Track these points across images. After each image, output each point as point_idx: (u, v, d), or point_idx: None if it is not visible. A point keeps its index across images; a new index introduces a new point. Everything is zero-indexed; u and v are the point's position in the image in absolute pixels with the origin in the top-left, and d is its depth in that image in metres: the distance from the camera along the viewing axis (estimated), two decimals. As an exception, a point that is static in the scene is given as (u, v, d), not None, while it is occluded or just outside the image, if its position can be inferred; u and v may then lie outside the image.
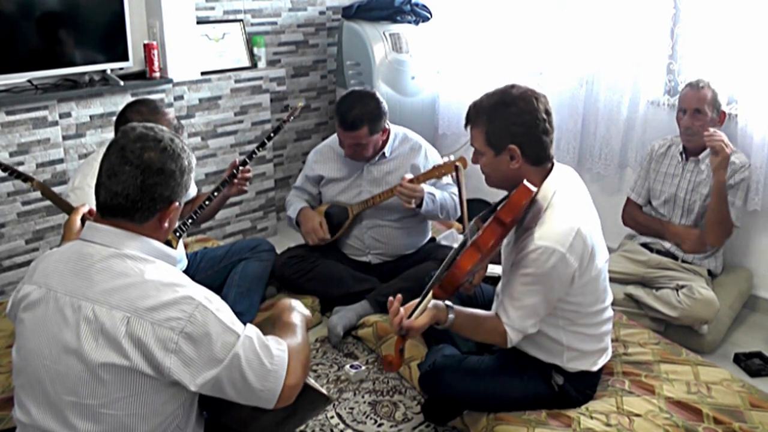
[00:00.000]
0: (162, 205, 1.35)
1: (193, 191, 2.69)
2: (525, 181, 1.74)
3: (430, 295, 1.73)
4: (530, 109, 1.78)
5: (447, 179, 2.88)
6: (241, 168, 2.48)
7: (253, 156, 2.50)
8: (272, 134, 2.58)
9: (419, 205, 2.66)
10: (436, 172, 2.64)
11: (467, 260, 1.66)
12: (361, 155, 2.75)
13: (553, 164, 1.86)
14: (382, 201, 2.76)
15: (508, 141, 1.78)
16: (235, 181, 2.49)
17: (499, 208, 1.75)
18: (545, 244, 1.72)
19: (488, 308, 2.32)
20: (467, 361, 2.05)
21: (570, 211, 1.78)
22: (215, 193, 2.43)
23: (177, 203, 1.38)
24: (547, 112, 1.81)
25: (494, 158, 1.82)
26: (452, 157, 2.65)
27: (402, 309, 1.75)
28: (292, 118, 2.61)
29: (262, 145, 2.54)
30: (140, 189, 1.31)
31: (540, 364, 1.99)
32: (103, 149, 1.40)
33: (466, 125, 1.89)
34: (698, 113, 2.63)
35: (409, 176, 2.65)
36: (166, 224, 1.39)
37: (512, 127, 1.78)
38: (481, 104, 1.83)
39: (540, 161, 1.82)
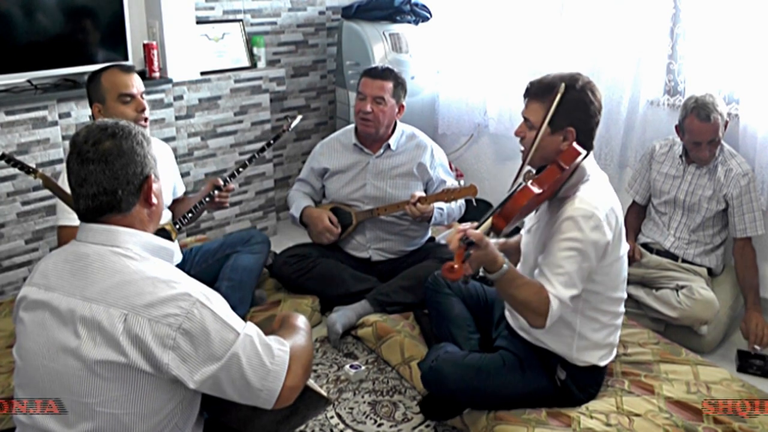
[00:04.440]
0: (139, 181, 1.37)
1: (180, 190, 2.70)
2: (574, 144, 1.84)
3: (489, 220, 1.76)
4: (594, 100, 1.88)
5: (446, 177, 2.89)
6: (223, 187, 2.46)
7: (236, 174, 2.51)
8: (273, 141, 2.59)
9: (428, 220, 2.72)
10: (445, 197, 2.66)
11: (527, 194, 1.74)
12: (377, 119, 2.75)
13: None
14: (388, 213, 2.77)
15: (568, 123, 1.86)
16: (216, 200, 2.47)
17: (559, 155, 1.82)
18: (585, 207, 1.80)
19: (488, 308, 2.33)
20: (470, 357, 2.07)
21: (605, 190, 1.90)
22: (199, 205, 2.43)
23: (153, 175, 1.40)
24: (602, 106, 1.92)
25: (549, 135, 1.87)
26: (462, 182, 2.66)
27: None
28: (285, 132, 2.63)
29: (251, 160, 2.54)
30: (113, 177, 1.33)
31: (545, 358, 2.01)
32: None
33: (526, 96, 1.95)
34: (713, 141, 2.60)
35: (419, 194, 2.67)
36: (154, 200, 1.40)
37: (576, 112, 1.86)
38: (552, 82, 1.88)
39: (586, 149, 1.90)
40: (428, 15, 3.90)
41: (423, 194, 2.69)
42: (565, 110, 1.85)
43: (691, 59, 2.97)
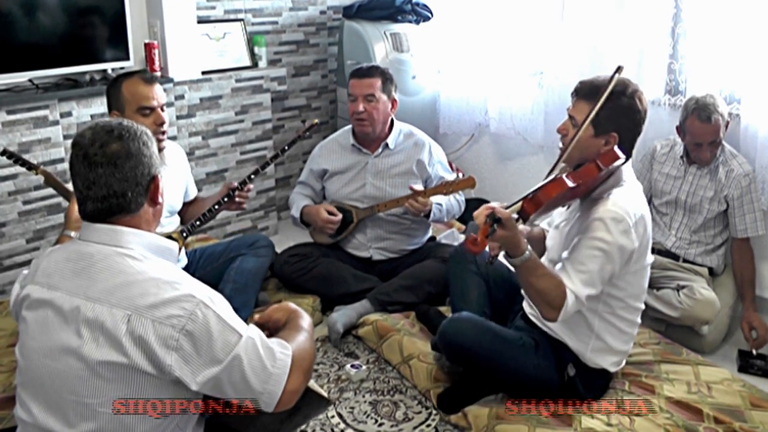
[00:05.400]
0: (147, 181, 1.37)
1: (192, 193, 2.70)
2: (615, 147, 1.84)
3: (519, 204, 1.77)
4: (641, 108, 1.88)
5: (445, 174, 2.89)
6: (242, 188, 2.47)
7: (253, 177, 2.50)
8: (287, 147, 2.59)
9: (427, 215, 2.70)
10: (444, 189, 2.65)
11: (560, 185, 1.73)
12: (371, 117, 2.75)
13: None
14: (388, 209, 2.77)
15: (612, 127, 1.86)
16: (237, 200, 2.48)
17: (598, 156, 1.82)
18: (617, 210, 1.81)
19: (512, 294, 2.33)
20: (490, 323, 2.11)
21: (638, 198, 1.91)
22: (216, 206, 2.43)
23: (159, 175, 1.40)
24: (646, 115, 1.91)
25: (591, 137, 1.88)
26: (461, 175, 2.66)
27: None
28: (301, 136, 2.65)
29: (267, 163, 2.56)
30: (122, 180, 1.33)
31: (559, 350, 2.02)
32: None
33: (574, 95, 1.95)
34: (714, 142, 2.60)
35: (418, 187, 2.66)
36: (160, 200, 1.41)
37: (622, 118, 1.86)
38: (602, 84, 1.87)
39: (626, 155, 1.90)
40: (429, 14, 3.90)
41: (422, 188, 2.69)
42: (611, 115, 1.85)
43: (692, 59, 2.97)
